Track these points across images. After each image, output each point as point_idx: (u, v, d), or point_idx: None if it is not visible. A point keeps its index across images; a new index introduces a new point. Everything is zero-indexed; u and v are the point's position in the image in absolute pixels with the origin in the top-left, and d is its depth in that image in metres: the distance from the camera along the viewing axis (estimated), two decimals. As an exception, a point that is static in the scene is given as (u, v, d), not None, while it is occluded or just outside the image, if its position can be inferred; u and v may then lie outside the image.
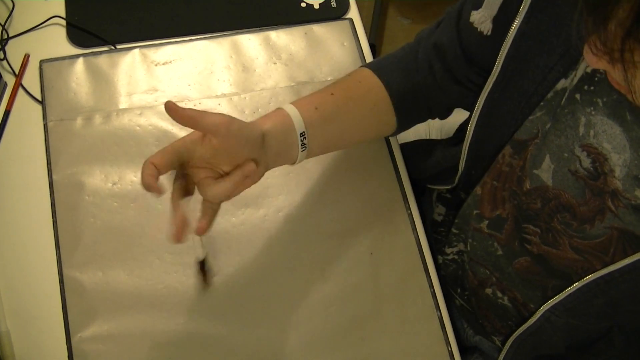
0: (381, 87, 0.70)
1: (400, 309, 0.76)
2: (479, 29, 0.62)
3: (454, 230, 0.76)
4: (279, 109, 0.62)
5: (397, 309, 0.75)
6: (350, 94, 0.68)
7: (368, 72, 0.71)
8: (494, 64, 0.61)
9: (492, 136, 0.65)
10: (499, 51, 0.59)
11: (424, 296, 0.76)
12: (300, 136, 0.61)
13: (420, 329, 0.75)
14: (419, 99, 0.72)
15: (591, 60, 0.43)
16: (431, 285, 0.77)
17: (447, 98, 0.72)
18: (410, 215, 0.80)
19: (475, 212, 0.70)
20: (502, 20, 0.60)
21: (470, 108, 0.75)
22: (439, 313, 0.76)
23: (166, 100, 0.53)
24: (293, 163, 0.63)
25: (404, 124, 0.74)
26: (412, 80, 0.71)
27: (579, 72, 0.55)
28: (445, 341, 0.74)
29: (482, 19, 0.62)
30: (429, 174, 0.82)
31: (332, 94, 0.66)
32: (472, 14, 0.63)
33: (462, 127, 0.84)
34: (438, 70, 0.69)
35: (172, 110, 0.52)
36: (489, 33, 0.62)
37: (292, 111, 0.61)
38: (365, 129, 0.72)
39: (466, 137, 0.67)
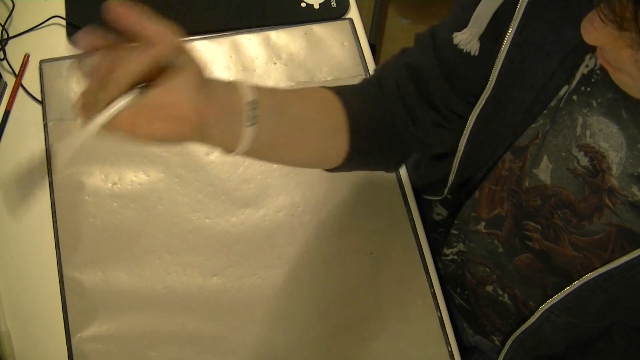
0: (338, 104, 0.61)
1: (400, 309, 0.76)
2: (465, 50, 0.59)
3: (453, 231, 0.76)
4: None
5: (397, 309, 0.75)
6: (306, 96, 0.60)
7: (327, 90, 0.62)
8: (481, 84, 0.58)
9: (486, 147, 0.64)
10: (489, 68, 0.57)
11: (424, 296, 0.76)
12: (248, 105, 0.50)
13: (420, 329, 0.75)
14: (376, 130, 0.63)
15: (591, 34, 0.41)
16: (431, 285, 0.77)
17: (416, 129, 0.63)
18: (410, 215, 0.80)
19: (472, 214, 0.70)
20: (491, 36, 0.58)
21: (442, 147, 0.68)
22: (439, 313, 0.76)
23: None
24: (234, 146, 0.50)
25: (354, 154, 0.62)
26: (374, 106, 0.63)
27: (578, 75, 0.55)
28: (445, 341, 0.74)
29: (468, 39, 0.59)
30: (420, 185, 0.82)
31: (289, 89, 0.62)
32: (455, 35, 0.59)
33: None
34: (410, 92, 0.62)
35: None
36: (476, 53, 0.59)
37: (241, 80, 0.51)
38: (313, 139, 0.59)
39: (457, 153, 0.65)
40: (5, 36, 0.87)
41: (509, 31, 0.54)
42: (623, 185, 0.53)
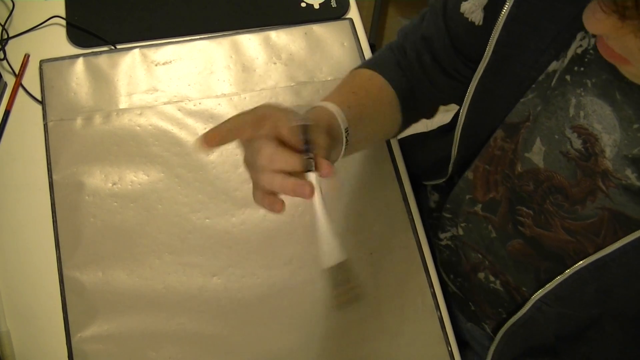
0: (388, 85, 0.71)
1: (400, 309, 0.76)
2: (470, 19, 0.62)
3: (446, 215, 0.76)
4: (319, 106, 0.61)
5: (397, 309, 0.76)
6: (369, 92, 0.69)
7: (370, 72, 0.71)
8: (484, 52, 0.61)
9: (484, 120, 0.65)
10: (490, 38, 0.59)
11: (424, 296, 0.76)
12: (345, 132, 0.60)
13: (420, 329, 0.75)
14: (414, 96, 0.73)
15: (593, 24, 0.42)
16: (431, 285, 0.77)
17: (438, 92, 0.72)
18: (410, 216, 0.80)
19: (468, 196, 0.70)
20: (492, 8, 0.59)
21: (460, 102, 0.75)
22: (439, 313, 0.76)
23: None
24: (334, 162, 0.61)
25: (405, 123, 0.74)
26: (407, 76, 0.72)
27: (569, 54, 0.55)
28: (445, 341, 0.74)
29: (472, 8, 0.61)
30: (424, 167, 0.82)
31: (354, 92, 0.67)
32: (462, 4, 0.62)
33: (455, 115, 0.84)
34: (427, 62, 0.69)
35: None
36: (480, 23, 0.61)
37: (334, 109, 0.61)
38: (382, 126, 0.73)
39: (458, 123, 0.67)
40: (5, 36, 0.87)
41: (507, 4, 0.56)
42: (617, 168, 0.53)
